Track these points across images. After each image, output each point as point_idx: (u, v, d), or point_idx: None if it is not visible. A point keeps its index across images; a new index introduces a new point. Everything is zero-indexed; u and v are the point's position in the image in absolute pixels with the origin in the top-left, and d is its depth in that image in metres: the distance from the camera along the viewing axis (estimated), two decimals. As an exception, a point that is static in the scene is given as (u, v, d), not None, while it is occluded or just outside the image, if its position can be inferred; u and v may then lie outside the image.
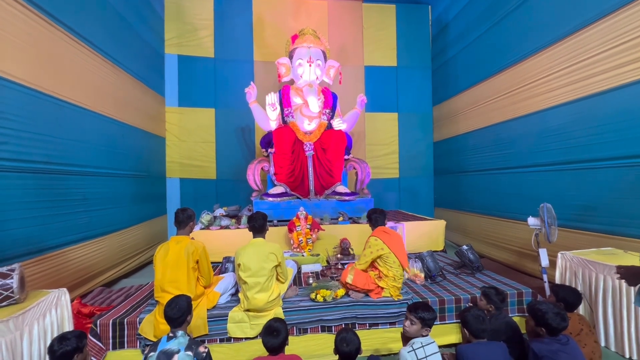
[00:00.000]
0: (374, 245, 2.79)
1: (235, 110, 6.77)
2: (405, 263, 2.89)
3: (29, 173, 3.08)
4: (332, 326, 2.75)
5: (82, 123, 3.90)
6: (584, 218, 3.70)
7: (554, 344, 2.00)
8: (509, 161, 4.95)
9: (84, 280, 3.84)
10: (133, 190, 5.19)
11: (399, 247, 2.86)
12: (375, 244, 2.79)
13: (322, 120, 5.24)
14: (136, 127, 5.30)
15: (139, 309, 2.77)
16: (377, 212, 3.05)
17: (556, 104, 4.08)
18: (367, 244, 2.85)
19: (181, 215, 2.72)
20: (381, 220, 3.01)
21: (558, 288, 2.48)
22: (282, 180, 4.94)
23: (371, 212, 3.08)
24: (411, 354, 1.96)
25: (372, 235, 2.86)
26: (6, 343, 2.03)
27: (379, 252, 2.77)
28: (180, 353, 1.93)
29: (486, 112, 5.51)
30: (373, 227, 3.03)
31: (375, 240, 2.80)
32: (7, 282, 2.21)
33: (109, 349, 2.55)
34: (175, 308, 2.04)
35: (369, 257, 2.82)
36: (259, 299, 2.58)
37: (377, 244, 2.78)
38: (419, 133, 7.50)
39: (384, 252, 2.76)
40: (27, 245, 3.01)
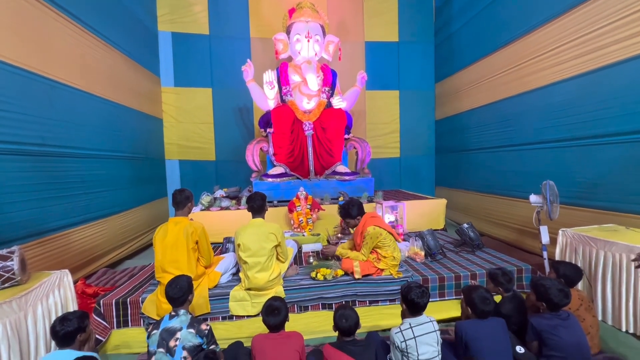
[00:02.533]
0: (375, 234, 2.77)
1: (233, 90, 6.61)
2: (397, 235, 2.94)
3: (24, 155, 3.03)
4: (333, 303, 2.78)
5: (75, 104, 3.81)
6: (587, 195, 3.66)
7: (554, 319, 2.02)
8: (513, 138, 4.86)
9: (88, 262, 3.88)
10: (132, 173, 5.16)
11: (387, 226, 2.90)
12: (375, 232, 2.77)
13: (321, 99, 5.12)
14: (132, 108, 5.20)
15: (141, 289, 2.81)
16: (356, 201, 2.96)
17: (563, 78, 3.94)
18: (368, 236, 2.78)
19: (179, 196, 2.69)
20: (362, 208, 2.97)
21: (559, 264, 2.47)
22: (281, 161, 4.88)
23: (352, 205, 2.92)
24: (398, 334, 1.96)
25: (368, 225, 2.81)
26: (11, 323, 2.05)
27: (379, 239, 2.77)
28: (182, 330, 1.95)
29: (490, 88, 5.36)
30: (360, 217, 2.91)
31: (374, 229, 2.77)
32: (7, 264, 2.22)
33: (113, 327, 2.60)
34: (176, 288, 2.05)
35: (371, 247, 2.81)
36: (260, 278, 2.60)
37: (377, 232, 2.77)
38: (421, 111, 7.35)
39: (382, 237, 2.76)
40: (27, 228, 3.01)
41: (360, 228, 2.87)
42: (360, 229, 2.88)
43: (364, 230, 2.82)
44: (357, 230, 2.93)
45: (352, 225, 2.99)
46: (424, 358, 1.92)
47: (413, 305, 1.97)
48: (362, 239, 2.85)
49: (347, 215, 2.94)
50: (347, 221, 2.98)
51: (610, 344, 2.49)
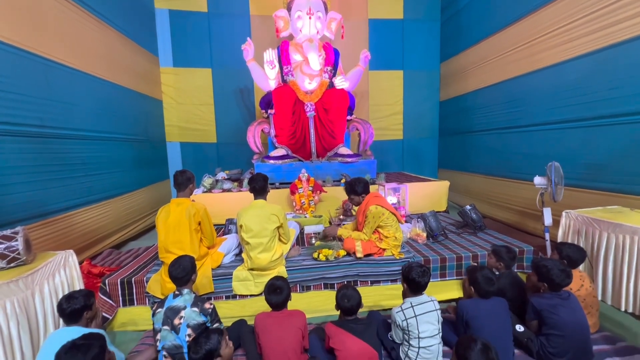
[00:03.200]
0: (377, 214, 2.76)
1: (233, 70, 6.47)
2: (400, 217, 2.93)
3: (23, 137, 3.01)
4: (335, 283, 2.82)
5: (73, 85, 3.74)
6: (593, 177, 3.61)
7: (555, 299, 2.03)
8: (519, 120, 4.76)
9: (92, 243, 3.93)
10: (133, 155, 5.14)
11: (390, 206, 2.89)
12: (377, 212, 2.76)
13: (323, 79, 5.00)
14: (130, 89, 5.11)
15: (146, 269, 2.84)
16: (363, 180, 2.96)
17: (574, 56, 3.81)
18: (370, 215, 2.78)
19: (180, 178, 2.67)
20: (368, 186, 2.97)
21: (562, 245, 2.47)
22: (283, 143, 4.83)
23: (358, 182, 2.92)
24: (399, 313, 1.99)
25: (370, 205, 2.80)
26: (18, 301, 2.09)
27: (382, 218, 2.76)
28: (186, 309, 1.98)
29: (498, 67, 5.21)
30: (364, 195, 2.93)
31: (376, 208, 2.76)
32: (12, 244, 2.24)
33: (119, 305, 2.65)
34: (179, 268, 2.06)
35: (374, 226, 2.81)
36: (262, 259, 2.62)
37: (379, 211, 2.76)
38: (425, 92, 7.19)
39: (384, 216, 2.75)
40: (30, 209, 3.02)
41: (363, 207, 2.87)
42: (363, 207, 2.88)
43: (366, 209, 2.82)
44: (360, 209, 2.94)
45: (356, 203, 2.99)
46: (424, 336, 1.95)
47: (414, 285, 1.98)
48: (364, 217, 2.85)
49: (351, 191, 2.95)
50: (351, 197, 2.98)
51: (609, 323, 2.52)
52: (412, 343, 1.97)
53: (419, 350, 1.96)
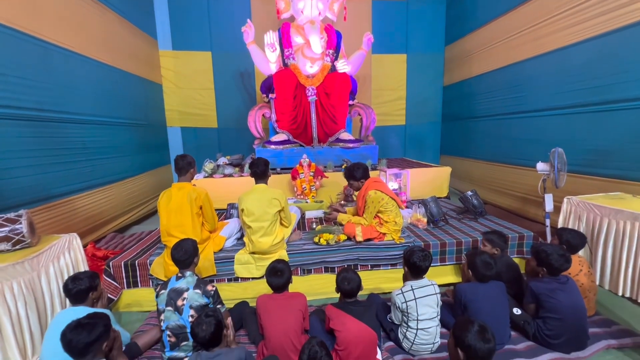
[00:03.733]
0: (376, 199, 2.76)
1: (233, 54, 6.36)
2: (400, 202, 2.93)
3: (22, 120, 2.99)
4: (335, 267, 2.85)
5: (71, 68, 3.69)
6: (596, 163, 3.59)
7: (553, 283, 2.05)
8: (523, 105, 4.69)
9: (95, 227, 3.97)
10: (134, 139, 5.13)
11: (390, 191, 2.89)
12: (376, 197, 2.76)
13: (325, 62, 4.90)
14: (130, 73, 5.05)
15: (149, 252, 2.88)
16: (362, 165, 2.95)
17: (581, 40, 3.71)
18: (369, 200, 2.79)
19: (181, 162, 2.67)
20: (368, 171, 2.97)
21: (562, 231, 2.48)
22: (284, 128, 4.79)
23: (357, 167, 2.92)
24: (399, 295, 2.03)
25: (370, 189, 2.80)
26: (25, 282, 2.13)
27: (381, 203, 2.76)
28: (189, 291, 2.02)
29: (503, 51, 5.09)
30: (364, 180, 2.93)
31: (375, 193, 2.77)
32: (16, 227, 2.26)
33: (124, 287, 2.70)
34: (181, 251, 2.08)
35: (374, 211, 2.81)
36: (263, 243, 2.64)
37: (378, 196, 2.76)
38: (429, 76, 7.07)
39: (384, 201, 2.75)
40: (32, 193, 3.04)
41: (363, 192, 2.87)
42: (362, 193, 2.89)
43: (365, 194, 2.82)
44: (360, 193, 2.95)
45: (356, 188, 3.00)
46: (423, 318, 1.99)
47: (415, 268, 2.00)
48: (364, 202, 2.86)
49: (350, 176, 2.95)
50: (351, 183, 2.98)
51: (606, 307, 2.56)
52: (410, 325, 2.01)
53: (417, 332, 2.00)
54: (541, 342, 2.08)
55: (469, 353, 1.30)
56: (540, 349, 2.06)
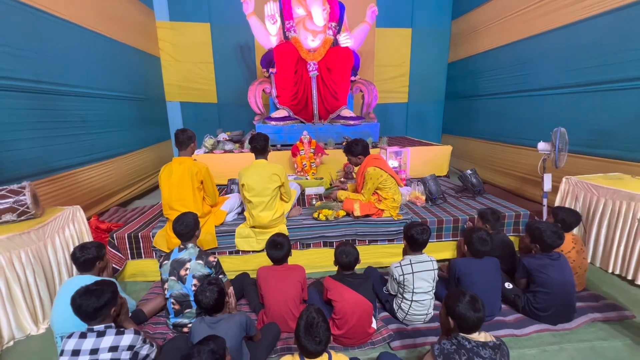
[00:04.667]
0: (375, 175, 2.78)
1: (233, 25, 6.17)
2: (399, 180, 2.97)
3: (18, 92, 2.96)
4: (334, 242, 2.91)
5: (66, 38, 3.61)
6: (597, 143, 3.57)
7: (545, 259, 2.11)
8: (528, 83, 4.61)
9: (98, 201, 4.02)
10: (133, 114, 5.08)
11: (389, 169, 2.91)
12: (375, 173, 2.78)
13: (327, 36, 4.76)
14: (127, 44, 4.92)
15: (151, 225, 2.94)
16: (362, 141, 2.95)
17: (590, 15, 3.60)
18: (368, 176, 2.81)
19: (181, 136, 2.66)
20: (367, 148, 2.98)
21: (558, 209, 2.51)
22: (284, 103, 4.73)
23: (356, 143, 2.92)
24: (397, 268, 2.09)
25: (369, 166, 2.82)
26: (32, 251, 2.20)
27: (380, 180, 2.78)
28: (192, 262, 2.08)
29: (510, 26, 4.93)
30: (362, 157, 2.94)
31: (374, 170, 2.78)
32: (20, 199, 2.30)
33: (128, 258, 2.78)
34: (182, 224, 2.13)
35: (372, 188, 2.84)
36: (263, 217, 2.69)
37: (377, 173, 2.77)
38: (434, 52, 6.88)
39: (382, 178, 2.77)
40: (33, 166, 3.06)
41: (362, 169, 2.90)
42: (361, 169, 2.91)
43: (364, 170, 2.85)
44: (359, 170, 2.97)
45: (354, 164, 3.03)
46: (418, 291, 2.06)
47: (413, 242, 2.05)
48: (362, 179, 2.89)
49: (348, 151, 2.98)
50: (349, 158, 3.02)
51: (595, 283, 2.64)
52: (405, 296, 2.09)
53: (411, 303, 2.08)
54: (530, 314, 2.17)
55: (459, 321, 1.37)
56: (528, 321, 2.15)
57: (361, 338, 1.96)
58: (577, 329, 2.10)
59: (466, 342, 1.35)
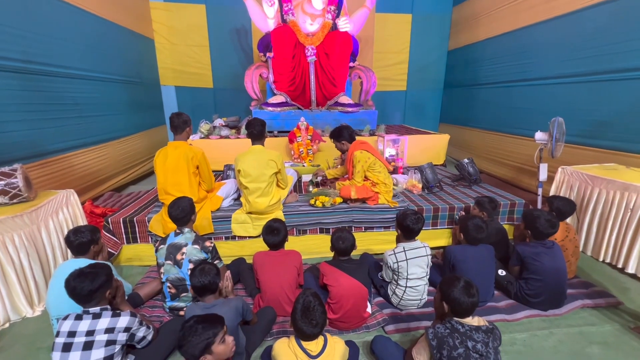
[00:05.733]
0: (362, 158, 2.83)
1: (229, 7, 6.00)
2: (387, 164, 3.05)
3: (8, 72, 2.87)
4: (330, 228, 2.92)
5: (57, 16, 3.48)
6: (594, 134, 3.58)
7: (539, 247, 2.13)
8: (528, 72, 4.57)
9: (92, 185, 3.97)
10: (127, 97, 4.97)
11: (377, 153, 2.96)
12: (362, 156, 2.83)
13: (326, 20, 4.65)
14: (120, 25, 4.78)
15: (147, 210, 2.92)
16: (348, 127, 3.05)
17: (595, 3, 3.54)
18: (355, 160, 2.86)
19: (176, 120, 2.62)
20: (353, 134, 3.05)
21: (553, 198, 2.53)
22: (282, 89, 4.65)
23: (342, 129, 3.03)
24: (392, 256, 2.10)
25: (356, 150, 2.87)
26: (25, 234, 2.18)
27: (368, 162, 2.84)
28: (188, 246, 2.08)
29: (513, 13, 4.85)
30: (348, 142, 3.02)
31: (361, 153, 2.84)
32: (12, 181, 2.26)
33: (123, 242, 2.77)
34: (178, 209, 2.11)
35: (362, 171, 2.88)
36: (260, 203, 2.68)
37: (364, 156, 2.83)
38: (434, 40, 6.78)
39: (370, 160, 2.83)
40: (25, 149, 3.00)
41: (350, 155, 2.95)
42: (349, 156, 2.96)
43: (352, 156, 2.89)
44: (347, 157, 3.02)
45: (339, 149, 3.13)
46: (412, 277, 2.09)
47: (408, 230, 2.06)
48: (351, 164, 2.94)
49: (333, 136, 3.08)
50: (335, 144, 3.11)
51: (585, 271, 2.69)
52: (400, 283, 2.11)
53: (405, 289, 2.11)
54: (521, 300, 2.21)
55: (453, 306, 1.39)
56: (519, 306, 2.19)
57: (356, 322, 1.98)
58: (566, 315, 2.15)
59: (460, 326, 1.38)
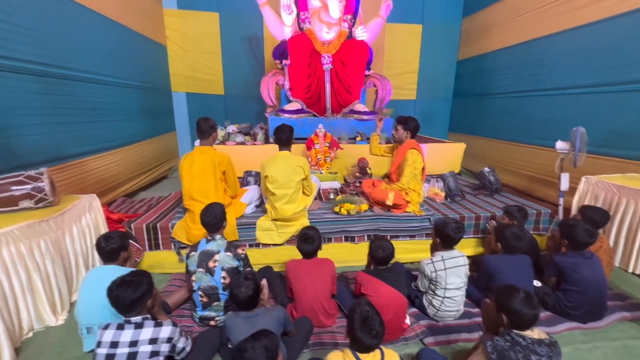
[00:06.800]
0: (417, 160, 2.71)
1: (241, 15, 6.05)
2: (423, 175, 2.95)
3: (33, 75, 2.85)
4: (355, 237, 2.88)
5: (79, 21, 3.49)
6: (614, 144, 3.58)
7: (577, 258, 2.09)
8: (543, 82, 4.60)
9: (106, 190, 3.92)
10: (141, 103, 4.96)
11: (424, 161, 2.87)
12: (417, 158, 2.71)
13: (342, 28, 4.68)
14: (136, 31, 4.80)
15: (169, 216, 2.86)
16: (415, 120, 2.86)
17: (613, 15, 3.58)
18: (410, 159, 2.72)
19: (204, 125, 2.60)
20: (417, 130, 2.89)
21: (585, 208, 2.51)
22: (297, 96, 4.65)
23: (409, 119, 2.85)
24: (429, 265, 2.06)
25: (412, 148, 2.74)
26: (51, 240, 2.12)
27: (419, 167, 2.72)
28: (220, 253, 2.02)
29: (525, 25, 4.91)
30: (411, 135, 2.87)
31: (417, 154, 2.72)
32: (39, 185, 2.21)
33: (145, 249, 2.70)
34: (211, 215, 2.06)
35: (411, 174, 2.75)
36: (287, 210, 2.63)
37: (418, 158, 2.71)
38: (443, 50, 6.85)
39: (421, 166, 2.72)
40: (44, 153, 2.97)
41: (404, 148, 2.84)
42: (404, 148, 2.84)
43: (406, 150, 2.78)
44: (400, 149, 2.90)
45: (399, 136, 2.93)
46: (451, 287, 2.03)
47: (448, 239, 2.02)
48: (401, 158, 2.82)
49: (402, 122, 2.88)
50: (397, 129, 2.91)
51: (615, 283, 2.65)
52: (437, 293, 2.06)
53: (443, 300, 2.06)
54: (560, 312, 2.16)
55: (514, 318, 1.34)
56: (558, 319, 2.14)
57: (395, 334, 1.93)
58: (607, 328, 2.09)
59: (521, 339, 1.32)
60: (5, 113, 2.60)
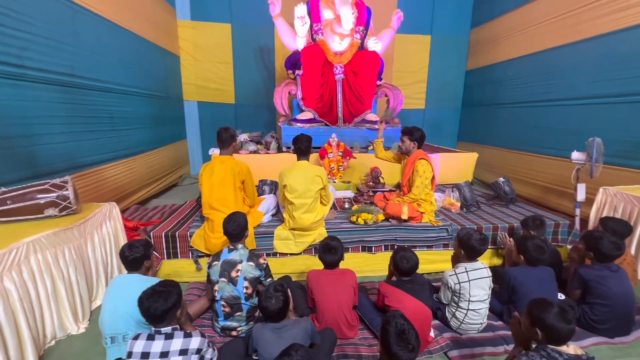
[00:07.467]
0: (427, 170, 2.72)
1: (253, 27, 6.16)
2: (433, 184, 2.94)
3: (54, 85, 2.91)
4: (372, 247, 2.86)
5: (99, 32, 3.57)
6: (629, 154, 3.57)
7: (604, 270, 2.06)
8: (554, 93, 4.61)
9: (121, 198, 3.95)
10: (154, 112, 5.03)
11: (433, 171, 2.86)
12: (426, 168, 2.72)
13: (354, 39, 4.74)
14: (151, 42, 4.89)
15: (187, 224, 2.87)
16: (420, 130, 2.86)
17: (624, 27, 3.61)
18: (421, 169, 2.73)
19: (224, 135, 2.62)
20: (424, 140, 2.90)
21: (607, 220, 2.48)
22: (310, 106, 4.69)
23: (414, 130, 2.84)
24: (453, 277, 2.04)
25: (422, 158, 2.75)
26: (75, 248, 2.13)
27: (430, 175, 2.73)
28: (242, 263, 2.02)
29: (535, 36, 4.95)
30: (418, 145, 2.86)
31: (427, 164, 2.73)
32: (63, 193, 2.23)
33: (164, 258, 2.71)
34: (234, 224, 2.07)
35: (421, 186, 2.76)
36: (305, 219, 2.63)
37: (428, 169, 2.72)
38: (452, 60, 6.90)
39: (431, 176, 2.72)
40: (65, 161, 3.01)
41: (414, 158, 2.83)
42: (413, 159, 2.83)
43: (415, 161, 2.78)
44: (409, 159, 2.89)
45: (406, 147, 2.91)
46: (474, 300, 2.01)
47: (472, 251, 2.01)
48: (411, 169, 2.82)
49: (408, 133, 2.87)
50: (403, 139, 2.90)
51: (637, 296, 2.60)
52: (461, 305, 2.04)
53: (467, 312, 2.03)
54: (585, 326, 2.12)
55: (550, 333, 1.32)
56: (584, 333, 2.10)
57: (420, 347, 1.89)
58: (634, 343, 2.05)
59: (557, 355, 1.30)
60: (29, 122, 2.65)
